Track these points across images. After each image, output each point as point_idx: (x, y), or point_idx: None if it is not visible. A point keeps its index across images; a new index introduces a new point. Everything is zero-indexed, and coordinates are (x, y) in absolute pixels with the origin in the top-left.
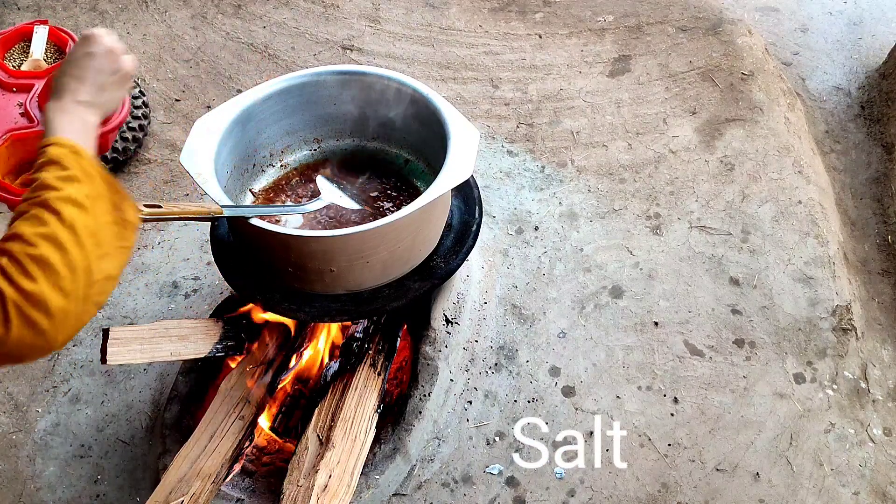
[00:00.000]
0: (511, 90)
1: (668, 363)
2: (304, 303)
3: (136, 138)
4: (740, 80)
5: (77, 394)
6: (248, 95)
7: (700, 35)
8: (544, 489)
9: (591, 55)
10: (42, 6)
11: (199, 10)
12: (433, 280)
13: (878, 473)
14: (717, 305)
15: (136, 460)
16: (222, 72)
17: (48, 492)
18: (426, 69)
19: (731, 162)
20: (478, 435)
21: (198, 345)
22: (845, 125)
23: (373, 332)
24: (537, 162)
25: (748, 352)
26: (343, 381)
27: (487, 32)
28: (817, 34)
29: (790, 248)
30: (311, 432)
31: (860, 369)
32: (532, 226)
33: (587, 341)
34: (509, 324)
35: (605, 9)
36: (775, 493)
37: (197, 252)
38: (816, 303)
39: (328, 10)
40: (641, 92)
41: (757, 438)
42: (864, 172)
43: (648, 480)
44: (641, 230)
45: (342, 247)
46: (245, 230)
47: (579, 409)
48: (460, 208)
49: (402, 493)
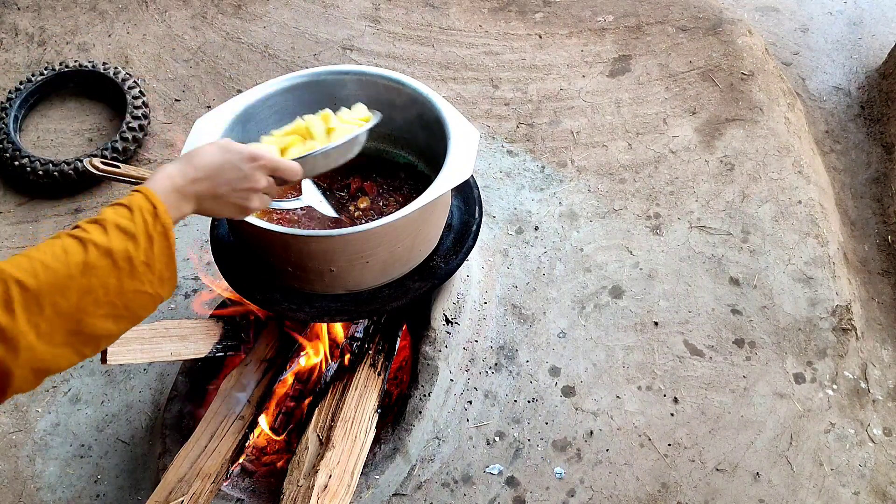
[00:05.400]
0: (511, 90)
1: (668, 363)
2: (304, 303)
3: (136, 138)
4: (740, 80)
5: (77, 394)
6: (248, 95)
7: (700, 35)
8: (544, 489)
9: (591, 55)
10: (42, 6)
11: (199, 10)
12: (433, 280)
13: (878, 473)
14: (717, 305)
15: (136, 460)
16: (222, 72)
17: (48, 492)
18: (426, 69)
19: (731, 162)
20: (478, 435)
21: (198, 345)
22: (845, 125)
23: (373, 332)
24: (537, 162)
25: (748, 352)
26: (343, 381)
27: (487, 32)
28: (817, 34)
29: (790, 248)
30: (311, 432)
31: (860, 369)
32: (532, 226)
33: (587, 341)
34: (509, 324)
35: (605, 9)
36: (775, 493)
37: (197, 252)
38: (816, 303)
39: (328, 10)
40: (641, 92)
41: (757, 438)
42: (864, 172)
43: (648, 480)
44: (641, 230)
45: (342, 247)
46: (245, 230)
47: (579, 409)
48: (460, 208)
49: (402, 493)
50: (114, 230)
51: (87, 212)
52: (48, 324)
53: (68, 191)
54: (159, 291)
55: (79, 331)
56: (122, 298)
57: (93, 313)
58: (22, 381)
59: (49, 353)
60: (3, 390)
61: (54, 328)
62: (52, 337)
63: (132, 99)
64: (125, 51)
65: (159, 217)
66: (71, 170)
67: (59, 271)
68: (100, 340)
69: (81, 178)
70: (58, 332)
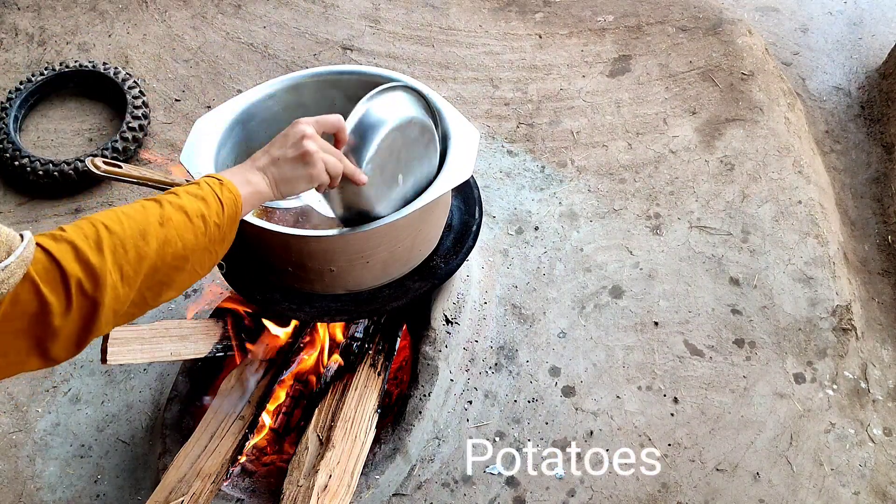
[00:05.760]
0: (511, 90)
1: (668, 363)
2: (304, 303)
3: (136, 138)
4: (740, 80)
5: (77, 394)
6: (248, 95)
7: (700, 35)
8: (544, 489)
9: (591, 55)
10: (42, 6)
11: (199, 10)
12: (433, 280)
13: (878, 473)
14: (717, 305)
15: (136, 460)
16: (222, 72)
17: (48, 492)
18: (426, 69)
19: (731, 162)
20: (478, 435)
21: (198, 345)
22: (845, 125)
23: (373, 332)
24: (537, 162)
25: (748, 352)
26: (343, 381)
27: (487, 32)
28: (817, 34)
29: (790, 248)
30: (311, 432)
31: (860, 369)
32: (532, 226)
33: (587, 341)
34: (509, 324)
35: (605, 9)
36: (775, 493)
37: None
38: (816, 303)
39: (328, 10)
40: (641, 92)
41: (757, 438)
42: (864, 172)
43: (648, 480)
44: (641, 230)
45: (342, 247)
46: (245, 230)
47: (579, 409)
48: (460, 208)
49: (402, 493)
50: (185, 194)
51: (87, 211)
52: (130, 266)
53: (68, 191)
54: (219, 251)
55: (154, 277)
56: (194, 254)
57: (169, 263)
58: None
59: (126, 296)
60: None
61: (136, 272)
62: (133, 280)
63: (132, 99)
64: (125, 51)
65: (225, 184)
66: (71, 170)
67: (140, 221)
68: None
69: (81, 178)
70: (138, 276)
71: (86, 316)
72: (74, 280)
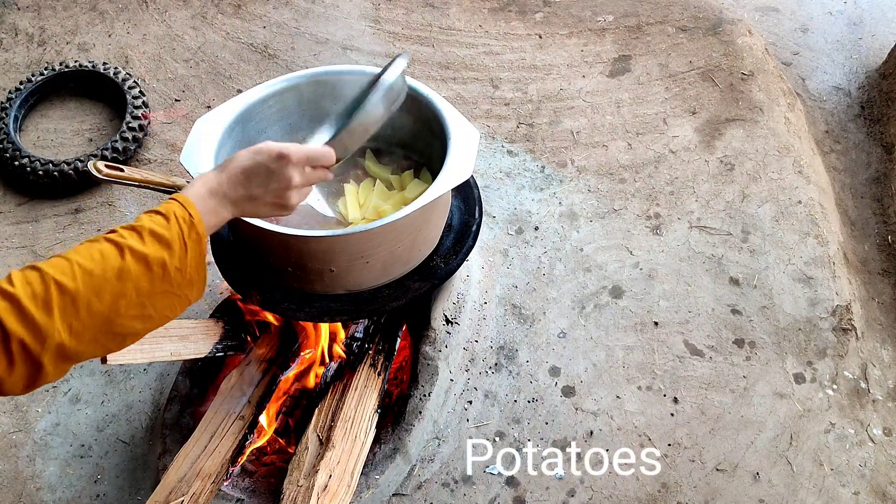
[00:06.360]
0: (511, 90)
1: (668, 363)
2: (304, 303)
3: (136, 138)
4: (740, 80)
5: (77, 394)
6: (248, 95)
7: (700, 35)
8: (544, 489)
9: (591, 55)
10: (42, 6)
11: (199, 10)
12: (433, 280)
13: (878, 473)
14: (717, 305)
15: (136, 460)
16: (222, 72)
17: (48, 492)
18: (426, 69)
19: (731, 162)
20: (478, 435)
21: (198, 345)
22: (845, 125)
23: (373, 332)
24: (537, 162)
25: (748, 352)
26: (343, 381)
27: (487, 32)
28: (817, 34)
29: (790, 248)
30: (311, 432)
31: (860, 369)
32: (532, 226)
33: (587, 341)
34: (509, 324)
35: (605, 9)
36: (775, 493)
37: None
38: (816, 303)
39: (328, 10)
40: (641, 92)
41: (757, 438)
42: (864, 172)
43: (648, 480)
44: (641, 230)
45: (342, 247)
46: (245, 229)
47: (579, 409)
48: (460, 208)
49: (402, 493)
50: (150, 237)
51: (87, 212)
52: (80, 323)
53: (68, 191)
54: (188, 294)
55: (108, 330)
56: (153, 301)
57: (124, 314)
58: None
59: (76, 349)
60: (35, 379)
61: (85, 327)
62: (82, 335)
63: (132, 99)
64: (125, 51)
65: (195, 226)
66: (71, 170)
67: (95, 274)
68: (126, 338)
69: (81, 178)
70: (88, 331)
71: (29, 372)
72: (16, 340)
